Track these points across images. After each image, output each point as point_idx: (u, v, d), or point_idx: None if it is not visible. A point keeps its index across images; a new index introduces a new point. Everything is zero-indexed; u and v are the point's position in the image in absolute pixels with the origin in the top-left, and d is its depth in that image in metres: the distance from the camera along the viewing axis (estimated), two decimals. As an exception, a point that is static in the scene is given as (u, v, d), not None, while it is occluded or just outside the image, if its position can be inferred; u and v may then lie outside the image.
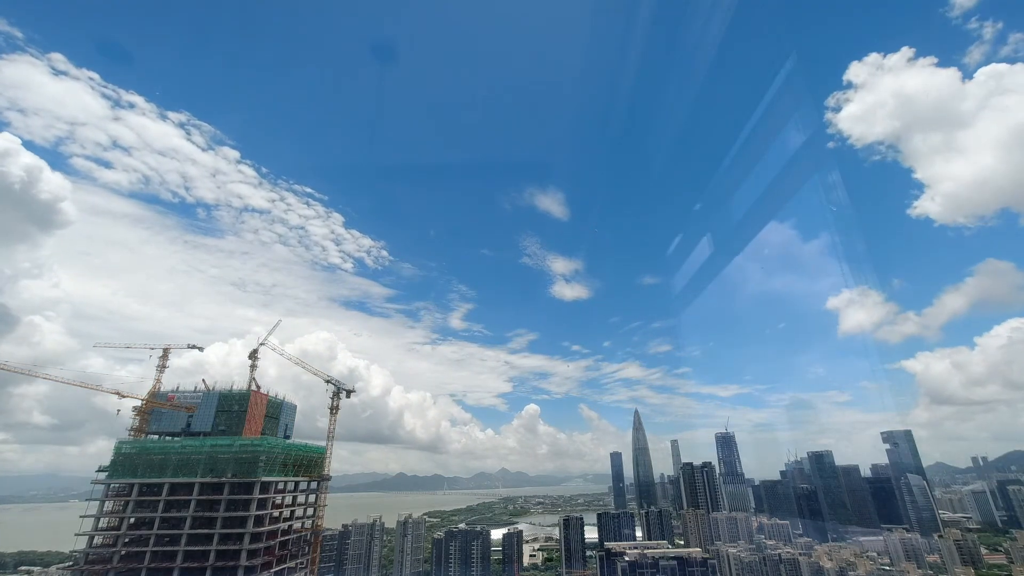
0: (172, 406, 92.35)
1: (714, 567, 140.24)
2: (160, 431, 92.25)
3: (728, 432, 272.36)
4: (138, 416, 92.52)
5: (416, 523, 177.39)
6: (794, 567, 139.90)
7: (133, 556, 77.66)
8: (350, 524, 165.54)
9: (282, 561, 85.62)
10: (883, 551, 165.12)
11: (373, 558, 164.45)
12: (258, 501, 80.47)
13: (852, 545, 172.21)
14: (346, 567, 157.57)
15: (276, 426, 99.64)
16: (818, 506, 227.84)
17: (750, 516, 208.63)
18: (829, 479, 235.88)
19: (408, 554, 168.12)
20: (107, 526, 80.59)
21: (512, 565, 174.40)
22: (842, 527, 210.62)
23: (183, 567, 75.51)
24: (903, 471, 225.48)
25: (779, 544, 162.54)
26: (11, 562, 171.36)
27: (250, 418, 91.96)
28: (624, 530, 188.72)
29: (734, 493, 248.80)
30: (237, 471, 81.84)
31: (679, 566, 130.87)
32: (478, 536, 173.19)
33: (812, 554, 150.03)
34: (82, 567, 76.53)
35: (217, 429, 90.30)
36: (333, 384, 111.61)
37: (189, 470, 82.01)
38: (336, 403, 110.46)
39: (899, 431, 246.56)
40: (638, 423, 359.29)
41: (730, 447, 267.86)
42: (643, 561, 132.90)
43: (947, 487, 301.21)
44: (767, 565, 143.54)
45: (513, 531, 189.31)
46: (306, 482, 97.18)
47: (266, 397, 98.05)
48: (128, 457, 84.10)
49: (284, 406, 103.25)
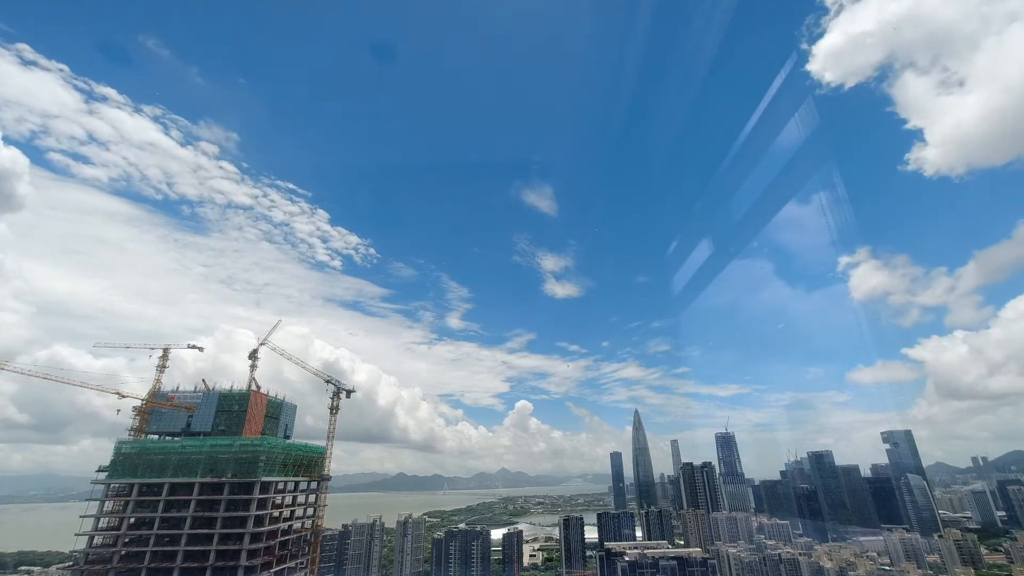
0: (172, 406, 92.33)
1: (714, 567, 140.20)
2: (160, 431, 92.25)
3: (728, 432, 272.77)
4: (138, 416, 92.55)
5: (416, 523, 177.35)
6: (794, 567, 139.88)
7: (133, 556, 77.62)
8: (350, 524, 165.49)
9: (282, 561, 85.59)
10: (883, 551, 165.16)
11: (373, 558, 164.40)
12: (258, 501, 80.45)
13: (852, 545, 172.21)
14: (346, 567, 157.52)
15: (276, 426, 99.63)
16: (818, 506, 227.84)
17: (750, 516, 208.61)
18: (829, 479, 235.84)
19: (408, 554, 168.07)
20: (107, 526, 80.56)
21: (512, 565, 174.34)
22: (842, 527, 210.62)
23: (183, 567, 75.48)
24: (903, 471, 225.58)
25: (779, 544, 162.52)
26: (11, 562, 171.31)
27: (250, 418, 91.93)
28: (624, 530, 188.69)
29: (734, 493, 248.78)
30: (237, 471, 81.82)
31: (679, 566, 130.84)
32: (478, 536, 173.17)
33: (812, 554, 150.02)
34: (82, 567, 76.50)
35: (217, 429, 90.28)
36: (333, 384, 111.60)
37: (189, 470, 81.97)
38: (336, 403, 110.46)
39: (899, 431, 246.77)
40: (638, 423, 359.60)
41: (730, 447, 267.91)
42: (643, 561, 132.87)
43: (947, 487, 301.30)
44: (767, 565, 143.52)
45: (513, 531, 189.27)
46: (306, 482, 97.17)
47: (266, 397, 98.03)
48: (128, 457, 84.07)
49: (284, 406, 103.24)
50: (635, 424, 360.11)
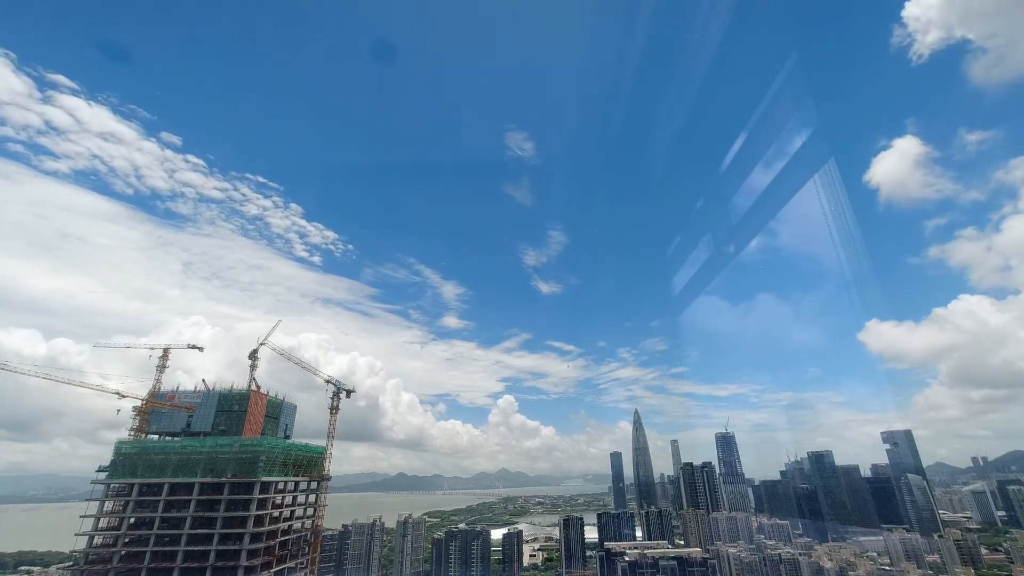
0: (172, 406, 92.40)
1: (714, 567, 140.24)
2: (160, 431, 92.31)
3: (728, 432, 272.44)
4: (138, 416, 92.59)
5: (416, 523, 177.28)
6: (794, 567, 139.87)
7: (133, 556, 77.68)
8: (350, 524, 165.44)
9: (282, 561, 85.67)
10: (883, 551, 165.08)
11: (373, 558, 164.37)
12: (258, 501, 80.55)
13: (852, 545, 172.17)
14: (346, 567, 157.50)
15: (276, 426, 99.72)
16: (818, 506, 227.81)
17: (750, 516, 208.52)
18: (829, 479, 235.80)
19: (408, 554, 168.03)
20: (107, 526, 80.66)
21: (512, 565, 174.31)
22: (842, 527, 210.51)
23: (183, 567, 75.53)
24: (903, 471, 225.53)
25: (779, 544, 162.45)
26: (11, 562, 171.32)
27: (250, 418, 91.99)
28: (624, 530, 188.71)
29: (734, 493, 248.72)
30: (237, 471, 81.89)
31: (679, 566, 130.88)
32: (478, 536, 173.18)
33: (812, 554, 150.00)
34: (82, 567, 76.57)
35: (217, 429, 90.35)
36: (333, 384, 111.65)
37: (189, 470, 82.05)
38: (336, 403, 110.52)
39: (899, 431, 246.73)
40: (638, 422, 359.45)
41: (730, 447, 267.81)
42: (643, 561, 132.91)
43: (947, 487, 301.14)
44: (767, 565, 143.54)
45: (513, 531, 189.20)
46: (306, 482, 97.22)
47: (266, 397, 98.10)
48: (128, 457, 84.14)
49: (284, 406, 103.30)
50: (635, 424, 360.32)
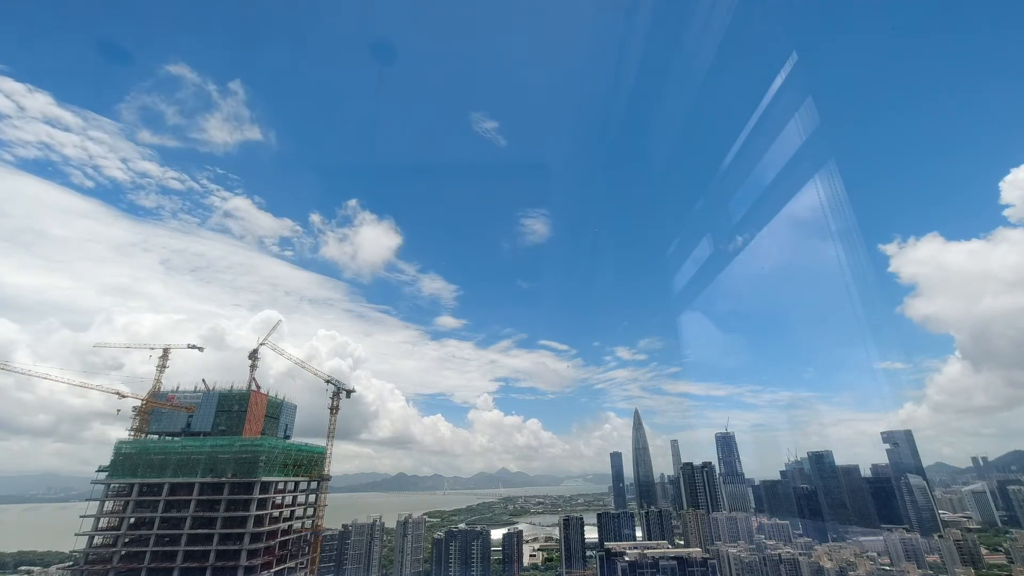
0: (172, 406, 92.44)
1: (714, 567, 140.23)
2: (160, 431, 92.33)
3: (728, 432, 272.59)
4: (138, 416, 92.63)
5: (416, 523, 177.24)
6: (794, 567, 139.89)
7: (133, 556, 77.71)
8: (350, 524, 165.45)
9: (282, 561, 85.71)
10: (883, 551, 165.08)
11: (373, 558, 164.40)
12: (258, 501, 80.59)
13: (852, 545, 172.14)
14: (346, 567, 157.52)
15: (276, 426, 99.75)
16: (818, 506, 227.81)
17: (750, 516, 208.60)
18: (829, 479, 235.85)
19: (408, 554, 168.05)
20: (107, 526, 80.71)
21: (512, 565, 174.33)
22: (842, 527, 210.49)
23: (183, 567, 75.58)
24: (903, 471, 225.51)
25: (779, 544, 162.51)
26: (11, 562, 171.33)
27: (250, 418, 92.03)
28: (624, 530, 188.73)
29: (734, 493, 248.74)
30: (237, 471, 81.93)
31: (679, 566, 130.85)
32: (478, 536, 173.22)
33: (812, 554, 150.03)
34: (82, 567, 76.61)
35: (217, 429, 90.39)
36: (333, 384, 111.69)
37: (189, 470, 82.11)
38: (336, 403, 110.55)
39: (899, 431, 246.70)
40: (638, 422, 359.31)
41: (730, 447, 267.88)
42: (643, 561, 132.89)
43: (947, 487, 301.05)
44: (767, 565, 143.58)
45: (513, 531, 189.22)
46: (306, 482, 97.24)
47: (266, 397, 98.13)
48: (128, 457, 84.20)
49: (284, 406, 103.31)
50: (635, 424, 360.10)
